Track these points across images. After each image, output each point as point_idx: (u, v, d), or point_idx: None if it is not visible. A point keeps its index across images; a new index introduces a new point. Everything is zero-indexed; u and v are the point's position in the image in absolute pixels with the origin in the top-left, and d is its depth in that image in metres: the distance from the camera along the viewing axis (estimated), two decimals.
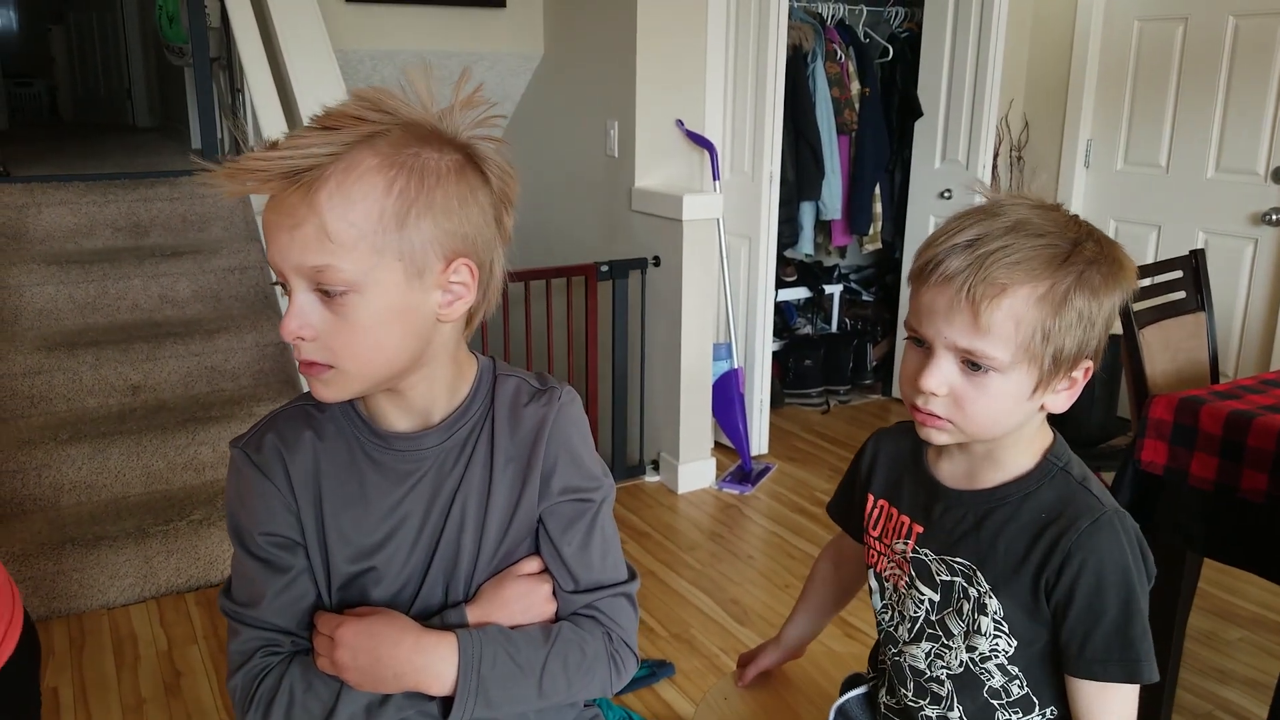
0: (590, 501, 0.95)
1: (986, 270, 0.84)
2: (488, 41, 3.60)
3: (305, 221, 0.77)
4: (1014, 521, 0.94)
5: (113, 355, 2.92)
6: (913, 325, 0.91)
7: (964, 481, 0.99)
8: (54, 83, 7.04)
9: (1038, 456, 0.95)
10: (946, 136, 3.90)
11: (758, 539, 3.03)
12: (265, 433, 0.93)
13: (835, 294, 4.35)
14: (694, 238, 3.16)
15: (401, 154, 0.79)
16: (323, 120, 0.80)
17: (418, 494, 0.92)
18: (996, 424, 0.91)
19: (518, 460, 0.93)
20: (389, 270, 0.80)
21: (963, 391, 0.88)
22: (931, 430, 0.92)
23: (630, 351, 3.35)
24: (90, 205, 3.23)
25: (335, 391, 0.84)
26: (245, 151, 0.78)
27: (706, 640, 2.45)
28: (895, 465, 1.08)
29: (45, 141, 4.96)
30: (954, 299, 0.85)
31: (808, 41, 3.79)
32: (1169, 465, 1.88)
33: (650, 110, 3.24)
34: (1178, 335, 2.38)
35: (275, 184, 0.77)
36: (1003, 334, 0.85)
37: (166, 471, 2.81)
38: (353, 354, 0.81)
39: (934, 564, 1.00)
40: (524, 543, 0.95)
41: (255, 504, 0.91)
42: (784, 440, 3.80)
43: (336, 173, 0.77)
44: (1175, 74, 3.63)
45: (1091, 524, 0.90)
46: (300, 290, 0.79)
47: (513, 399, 0.95)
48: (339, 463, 0.92)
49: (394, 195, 0.78)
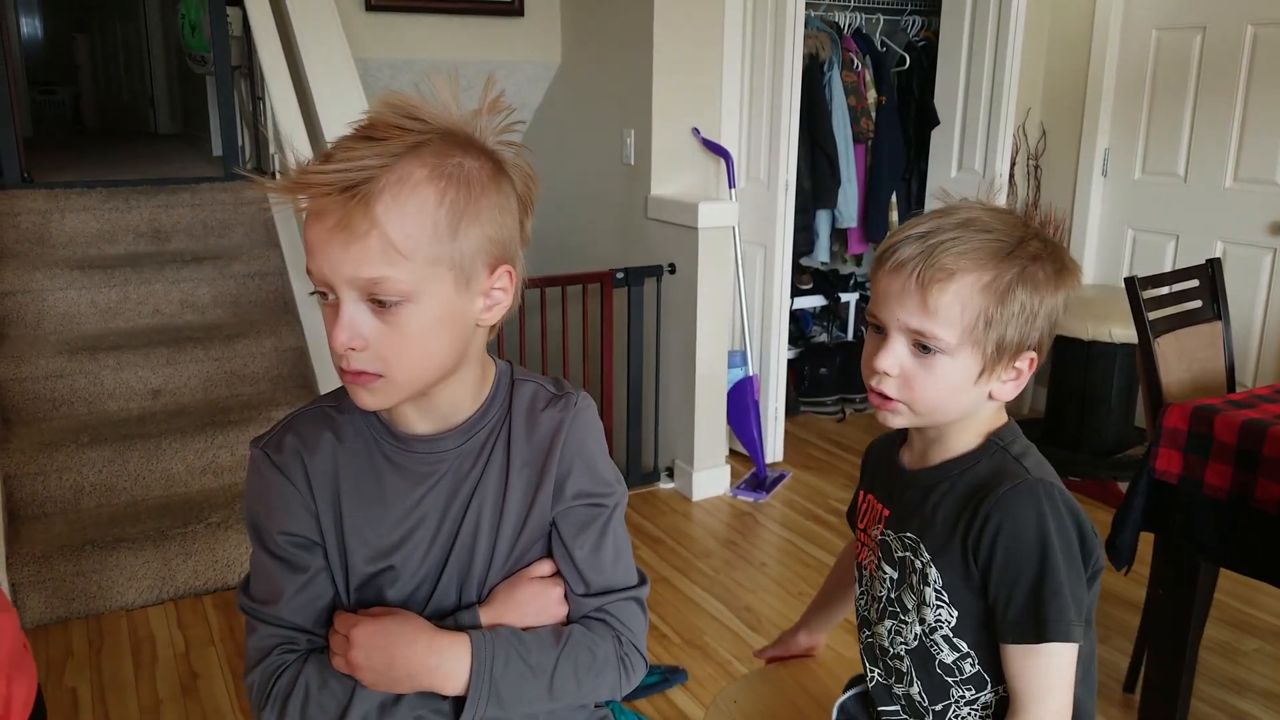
0: (603, 507, 0.96)
1: (935, 257, 0.92)
2: (506, 50, 3.63)
3: (362, 233, 0.78)
4: (952, 493, 0.99)
5: (133, 359, 2.95)
6: (872, 311, 0.97)
7: (918, 463, 1.05)
8: (78, 90, 7.13)
9: (983, 438, 1.01)
10: (963, 145, 3.89)
11: (772, 546, 3.03)
12: (285, 433, 0.94)
13: (851, 302, 4.35)
14: (709, 245, 3.16)
15: (446, 164, 0.80)
16: (366, 130, 0.81)
17: (435, 495, 0.93)
18: (944, 406, 0.96)
19: (533, 464, 0.94)
20: (441, 280, 0.82)
21: (913, 373, 0.94)
22: (887, 412, 0.98)
23: (645, 358, 3.36)
24: (113, 211, 3.27)
25: (381, 399, 0.85)
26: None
27: (719, 647, 2.45)
28: (879, 460, 1.14)
29: (69, 148, 5.03)
30: (905, 283, 0.93)
31: (824, 50, 3.80)
32: (1183, 475, 1.87)
33: (666, 119, 3.25)
34: (1193, 345, 2.36)
35: (333, 197, 0.78)
36: (949, 317, 0.92)
37: (185, 475, 2.84)
38: (403, 363, 0.83)
39: (893, 542, 1.05)
40: (537, 545, 0.96)
41: (275, 504, 0.92)
42: (799, 448, 3.80)
43: (390, 184, 0.78)
44: (1193, 83, 3.62)
45: (1011, 489, 0.94)
46: (350, 301, 0.80)
47: (529, 404, 0.96)
48: (358, 464, 0.93)
49: (446, 205, 0.80)
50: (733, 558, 2.94)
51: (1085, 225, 3.99)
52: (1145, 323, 2.21)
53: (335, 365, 0.85)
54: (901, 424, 0.99)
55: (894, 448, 1.10)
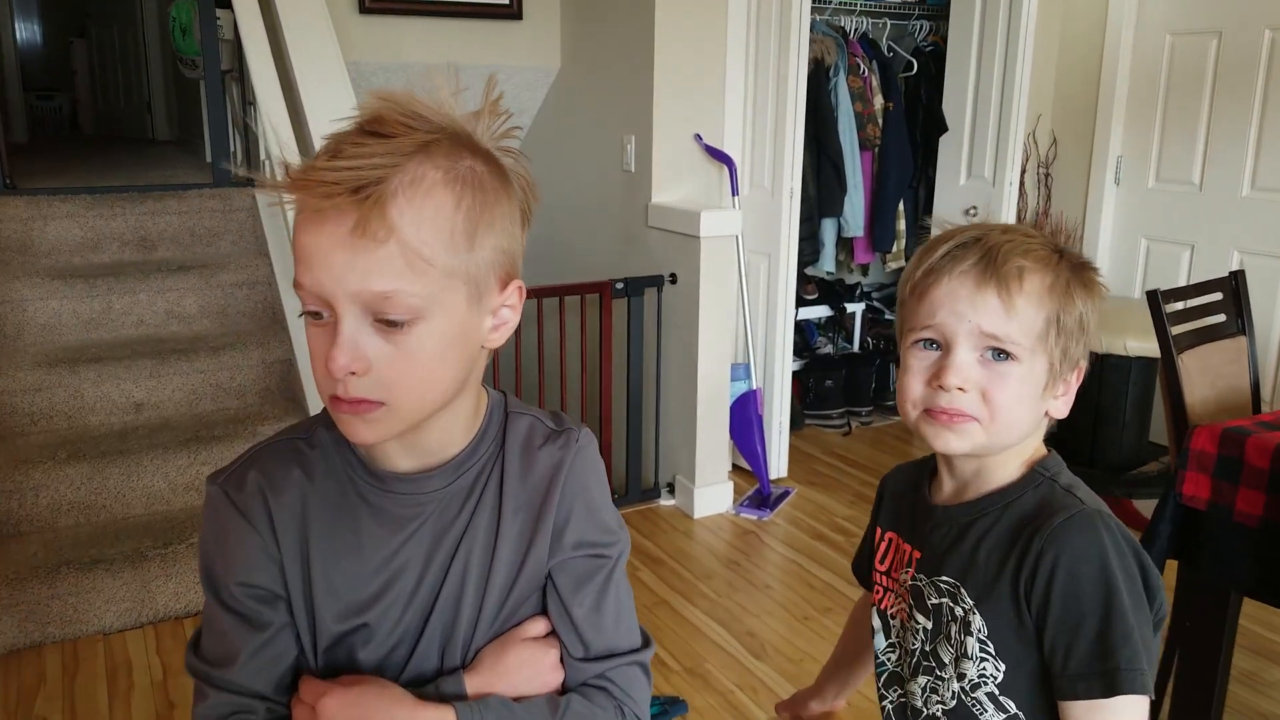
0: (605, 558, 0.86)
1: (1005, 255, 0.86)
2: (504, 54, 3.54)
3: (374, 241, 0.68)
4: (995, 530, 0.90)
5: (116, 372, 2.86)
6: (923, 321, 0.89)
7: (953, 498, 0.95)
8: (75, 96, 7.07)
9: (1026, 468, 0.92)
10: (972, 152, 3.79)
11: (776, 567, 2.93)
12: (248, 469, 0.83)
13: (857, 312, 4.25)
14: (712, 255, 3.08)
15: (459, 166, 0.72)
16: (371, 125, 0.71)
17: (416, 543, 0.82)
18: (1021, 420, 0.89)
19: (528, 509, 0.84)
20: (455, 295, 0.73)
21: (987, 384, 0.87)
22: (952, 433, 0.88)
23: (646, 371, 3.27)
24: (97, 218, 3.18)
25: (381, 431, 0.75)
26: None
27: (722, 676, 2.35)
28: (901, 495, 1.04)
29: (61, 154, 4.95)
30: (980, 283, 0.86)
31: (830, 55, 3.71)
32: (1212, 500, 1.77)
33: (668, 124, 3.17)
34: (1217, 361, 2.26)
35: (341, 198, 0.68)
36: (1027, 317, 0.86)
37: (168, 492, 2.75)
38: (408, 389, 0.73)
39: (926, 588, 0.94)
40: (530, 600, 0.86)
41: (233, 550, 0.81)
42: (804, 463, 3.69)
43: (403, 186, 0.69)
44: (1209, 88, 3.52)
45: (1066, 521, 0.85)
46: (350, 318, 0.70)
47: (525, 440, 0.86)
48: (330, 506, 0.82)
49: (463, 212, 0.72)
50: (735, 579, 2.84)
51: (1097, 235, 3.88)
52: (1169, 338, 2.11)
53: (324, 394, 0.74)
54: (965, 448, 0.89)
55: (918, 482, 1.00)
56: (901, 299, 0.94)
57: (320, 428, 0.84)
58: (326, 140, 0.73)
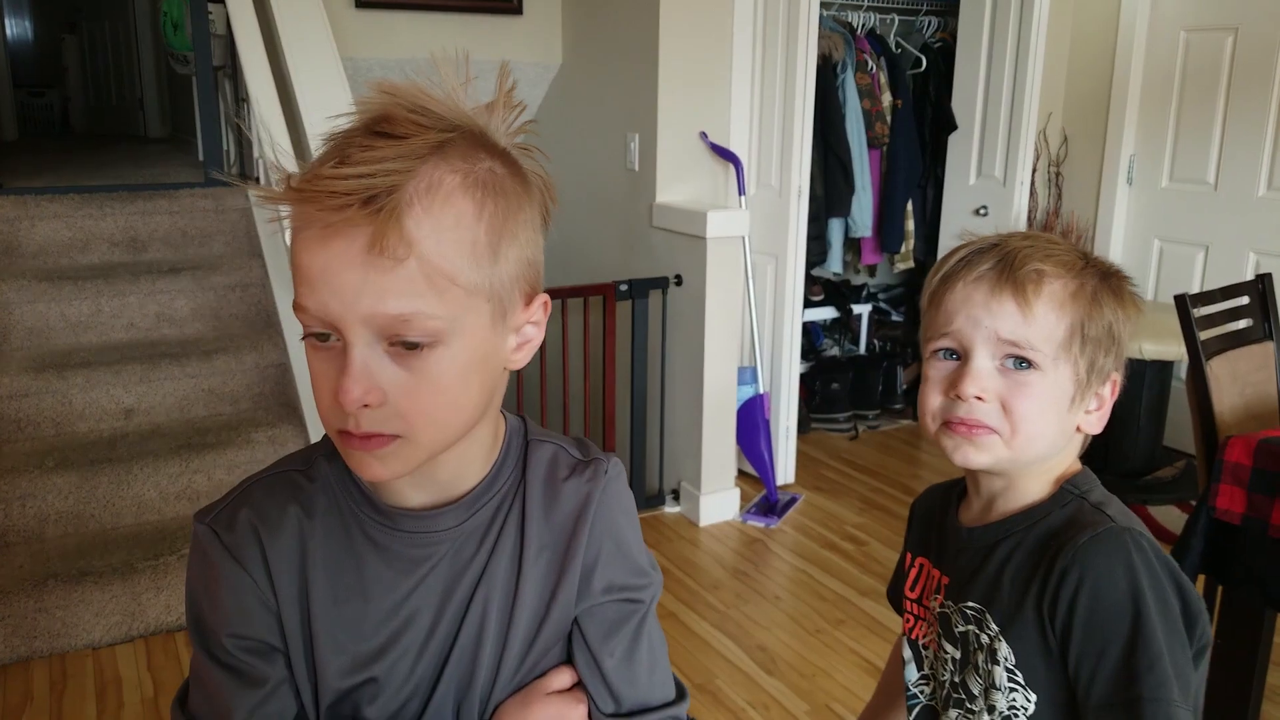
0: (638, 603, 0.78)
1: (1023, 260, 0.83)
2: (503, 50, 3.46)
3: (390, 259, 0.61)
4: (1020, 550, 0.85)
5: (105, 377, 2.77)
6: (940, 330, 0.86)
7: (979, 519, 0.91)
8: (66, 93, 6.96)
9: (1055, 486, 0.88)
10: (982, 151, 3.72)
11: (785, 577, 2.85)
12: (239, 506, 0.74)
13: (864, 314, 4.18)
14: (718, 256, 3.00)
15: (477, 169, 0.64)
16: (379, 124, 0.63)
17: (428, 588, 0.74)
18: (1042, 433, 0.84)
19: (553, 548, 0.76)
20: (478, 314, 0.66)
21: (1007, 394, 0.83)
22: (971, 446, 0.84)
23: (650, 375, 3.19)
24: (86, 219, 3.09)
25: (396, 467, 0.67)
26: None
27: (732, 693, 2.27)
28: (930, 518, 0.98)
29: (51, 153, 4.86)
30: (995, 287, 0.83)
31: (838, 51, 3.63)
32: (1247, 514, 1.71)
33: (673, 122, 3.09)
34: (1245, 367, 2.19)
35: (351, 211, 0.60)
36: (1046, 324, 0.82)
37: (159, 501, 2.67)
38: (427, 420, 0.66)
39: (953, 615, 0.89)
40: (554, 649, 0.78)
41: (224, 598, 0.73)
42: (810, 468, 3.62)
43: (419, 195, 0.61)
44: (1224, 86, 3.45)
45: (1092, 538, 0.80)
46: (362, 344, 0.63)
47: (548, 471, 0.78)
48: (332, 547, 0.74)
49: (485, 221, 0.64)
50: (744, 590, 2.76)
51: (1109, 235, 3.81)
52: (1197, 344, 2.04)
53: (331, 427, 0.66)
54: (985, 461, 0.85)
55: (947, 504, 0.96)
56: (921, 310, 0.90)
57: (320, 458, 0.76)
58: (327, 142, 0.65)
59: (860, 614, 2.61)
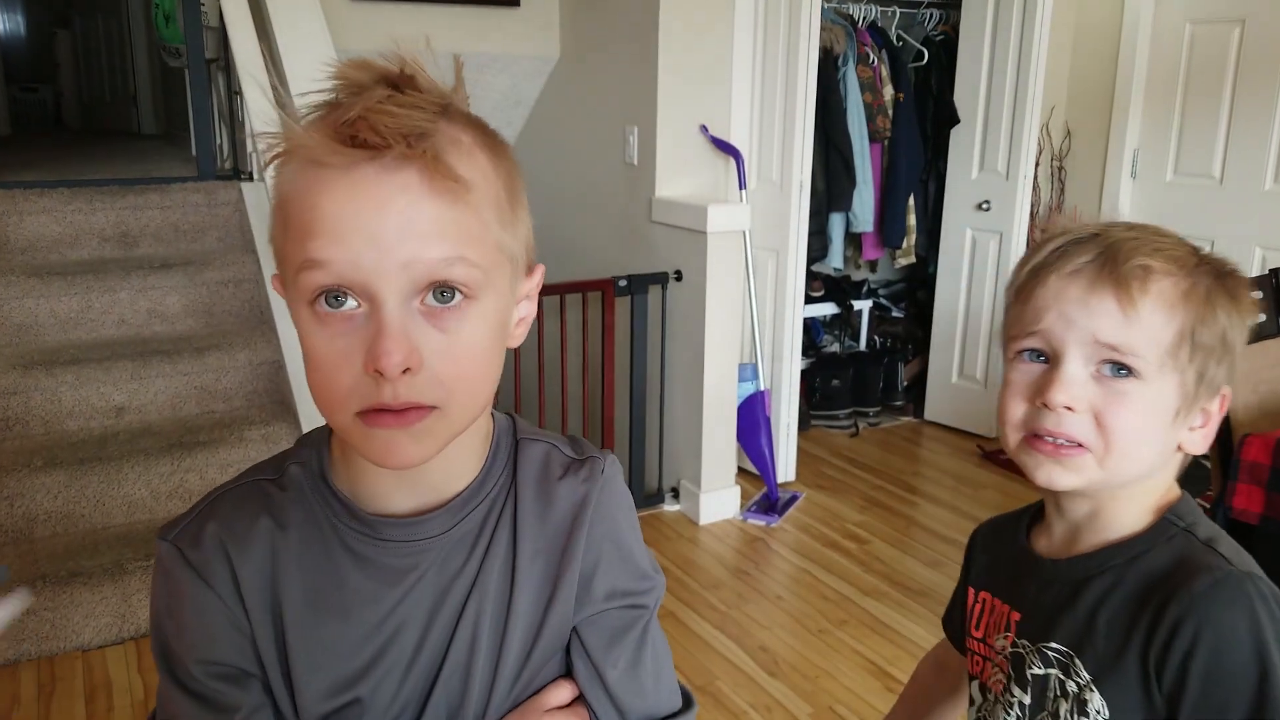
0: (642, 608, 0.74)
1: (1128, 253, 0.73)
2: (501, 43, 3.41)
3: (435, 200, 0.58)
4: (1118, 591, 0.76)
5: (95, 374, 2.73)
6: (1027, 328, 0.76)
7: (1061, 550, 0.81)
8: (59, 89, 6.90)
9: (1154, 515, 0.77)
10: (985, 145, 3.68)
11: (786, 576, 2.81)
12: (205, 520, 0.69)
13: (864, 310, 4.14)
14: (718, 251, 2.96)
15: (479, 131, 0.64)
16: (399, 78, 0.61)
17: (415, 600, 0.69)
18: (1140, 452, 0.75)
19: (549, 553, 0.71)
20: (503, 273, 0.64)
21: (1102, 404, 0.73)
22: (1059, 466, 0.75)
23: (649, 372, 3.15)
24: (76, 213, 3.04)
25: (429, 447, 0.62)
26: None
27: (734, 695, 2.23)
28: (995, 546, 0.89)
29: (43, 148, 4.80)
30: (1094, 282, 0.73)
31: (839, 44, 3.58)
32: (1265, 514, 1.67)
33: (672, 115, 3.04)
34: (1259, 364, 2.15)
35: (396, 149, 0.57)
36: (1152, 325, 0.72)
37: (150, 501, 2.62)
38: (466, 386, 0.62)
39: (1029, 655, 0.80)
40: (552, 662, 0.73)
41: (190, 621, 0.68)
42: (811, 466, 3.58)
43: (448, 144, 0.60)
44: (1230, 79, 3.42)
45: (1211, 585, 0.70)
46: (396, 301, 0.58)
47: (541, 471, 0.73)
48: (308, 561, 0.69)
49: (502, 180, 0.63)
50: (744, 589, 2.72)
51: None
52: None
53: (347, 412, 0.60)
54: (1074, 483, 0.75)
55: (1017, 530, 0.87)
56: (1006, 305, 0.81)
57: (292, 465, 0.71)
58: (332, 91, 0.61)
59: (863, 614, 2.57)
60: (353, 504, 0.69)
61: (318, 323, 0.60)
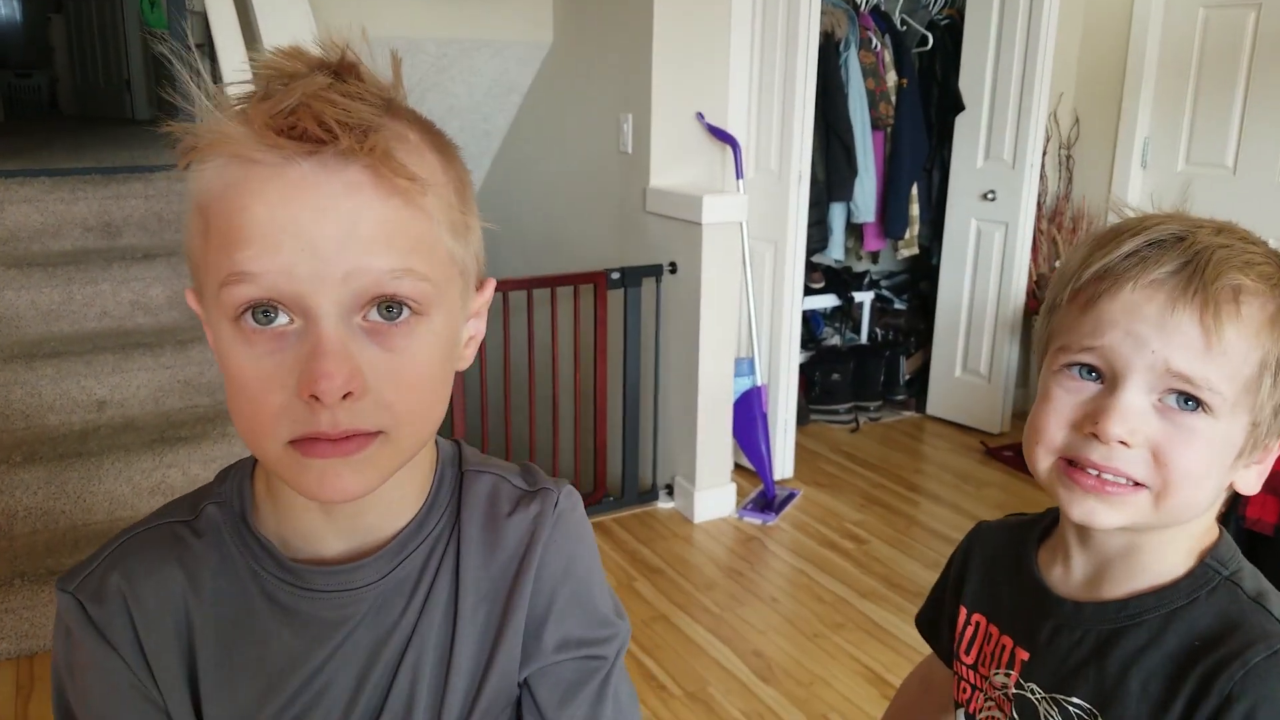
0: (600, 659, 0.66)
1: (1217, 269, 0.62)
2: (492, 29, 3.33)
3: (382, 203, 0.52)
4: (1155, 649, 0.67)
5: (76, 367, 2.67)
6: (1083, 341, 0.66)
7: (1084, 590, 0.72)
8: (55, 74, 6.83)
9: (1194, 558, 0.69)
10: (990, 133, 3.59)
11: (782, 577, 2.74)
12: (109, 570, 0.62)
13: (865, 302, 4.06)
14: (714, 242, 2.88)
15: (424, 129, 0.58)
16: (340, 67, 0.54)
17: (346, 656, 0.62)
18: (1201, 494, 0.66)
19: (493, 598, 0.64)
20: (454, 286, 0.58)
21: (1164, 440, 0.64)
22: (1103, 505, 0.65)
23: (643, 366, 3.08)
24: (57, 203, 2.98)
25: (371, 477, 0.55)
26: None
27: (726, 702, 2.17)
28: (993, 566, 0.81)
29: (35, 135, 4.74)
30: (1175, 300, 0.62)
31: (840, 28, 3.49)
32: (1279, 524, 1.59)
33: (667, 102, 2.96)
34: None
35: (340, 145, 0.51)
36: (1235, 356, 0.62)
37: (131, 497, 2.57)
38: (413, 410, 0.56)
39: (1041, 705, 0.72)
40: (500, 719, 0.66)
41: (91, 683, 0.61)
42: (809, 462, 3.51)
43: (390, 141, 0.53)
44: (1245, 65, 3.32)
45: (1268, 658, 0.63)
46: (333, 318, 0.52)
47: (488, 506, 0.66)
48: (225, 615, 0.62)
49: (452, 184, 0.57)
50: (739, 590, 2.66)
51: None
52: None
53: (277, 441, 0.53)
54: (1118, 522, 0.66)
55: (1017, 553, 0.78)
56: (1054, 302, 0.69)
57: (209, 504, 0.64)
58: (264, 80, 0.53)
59: (860, 617, 2.51)
60: (276, 550, 0.62)
61: (242, 340, 0.53)
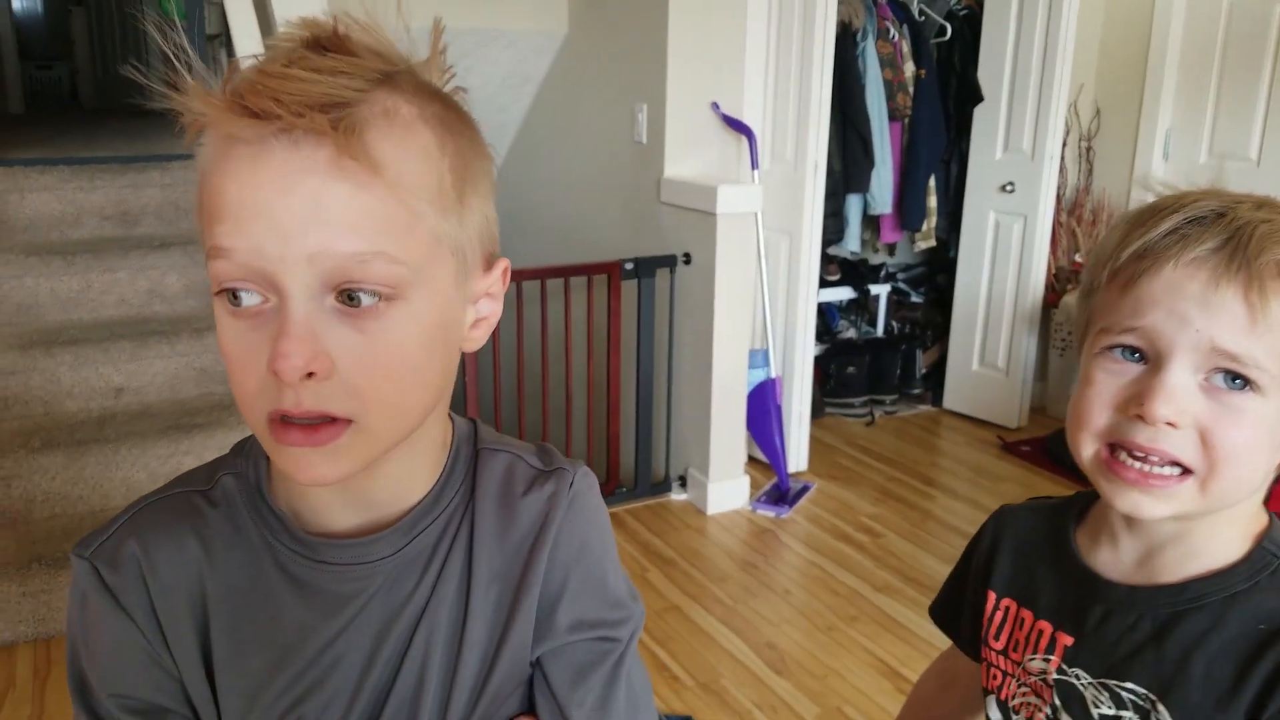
0: (614, 641, 0.66)
1: (1260, 244, 0.61)
2: (506, 18, 3.32)
3: (351, 183, 0.51)
4: (1217, 633, 0.67)
5: (94, 354, 2.69)
6: (1125, 321, 0.65)
7: (1135, 574, 0.71)
8: (75, 66, 6.89)
9: (1249, 542, 0.68)
10: (1009, 124, 3.56)
11: (796, 570, 2.73)
12: (125, 537, 0.62)
13: (882, 295, 4.03)
14: (729, 233, 2.87)
15: (430, 105, 0.56)
16: (329, 40, 0.54)
17: (358, 629, 0.62)
18: (1251, 476, 0.65)
19: (506, 577, 0.64)
20: (443, 267, 0.56)
21: (1211, 421, 0.63)
22: (1147, 497, 0.64)
23: (657, 358, 3.07)
24: (76, 191, 3.01)
25: (345, 465, 0.55)
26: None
27: (739, 693, 2.16)
28: (1027, 550, 0.79)
29: (55, 125, 4.78)
30: (1219, 278, 0.62)
31: (857, 18, 3.47)
32: None
33: (682, 92, 2.94)
34: None
35: (304, 121, 0.50)
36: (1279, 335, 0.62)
37: (148, 483, 2.58)
38: (387, 398, 0.55)
39: (1089, 691, 0.71)
40: (511, 699, 0.66)
41: (106, 650, 0.61)
42: (824, 455, 3.49)
43: (376, 117, 0.52)
44: (1271, 55, 3.27)
45: None
46: (303, 296, 0.52)
47: (503, 484, 0.66)
48: (239, 585, 0.62)
49: (448, 160, 0.56)
50: (752, 583, 2.65)
51: None
52: None
53: (258, 414, 0.54)
54: (1166, 513, 0.66)
55: (1055, 535, 0.77)
56: (1093, 284, 0.69)
57: (226, 476, 0.64)
58: (257, 58, 0.53)
59: (874, 610, 2.50)
60: (291, 522, 0.62)
61: (229, 315, 0.54)
